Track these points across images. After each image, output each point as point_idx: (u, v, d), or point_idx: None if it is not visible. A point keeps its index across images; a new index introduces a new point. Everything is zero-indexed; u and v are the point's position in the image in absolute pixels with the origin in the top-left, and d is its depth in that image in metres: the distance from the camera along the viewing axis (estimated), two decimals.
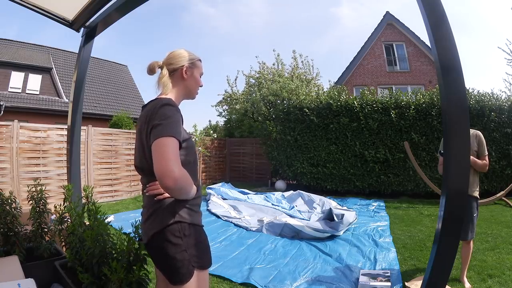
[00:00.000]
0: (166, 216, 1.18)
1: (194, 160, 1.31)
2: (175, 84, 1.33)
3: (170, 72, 1.32)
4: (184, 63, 1.32)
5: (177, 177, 1.04)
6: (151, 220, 1.22)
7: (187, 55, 1.34)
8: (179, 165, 1.07)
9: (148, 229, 1.22)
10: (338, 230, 4.17)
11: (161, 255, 1.19)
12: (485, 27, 27.53)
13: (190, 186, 1.17)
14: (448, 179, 1.42)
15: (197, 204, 1.29)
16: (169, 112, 1.15)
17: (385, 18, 14.43)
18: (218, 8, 44.87)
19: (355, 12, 34.78)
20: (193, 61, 1.35)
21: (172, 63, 1.32)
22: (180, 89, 1.34)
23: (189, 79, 1.34)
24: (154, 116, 1.14)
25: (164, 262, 1.19)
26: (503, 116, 6.85)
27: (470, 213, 2.56)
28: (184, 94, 1.36)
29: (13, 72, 12.79)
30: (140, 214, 1.32)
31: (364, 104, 7.51)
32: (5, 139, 5.35)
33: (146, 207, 1.27)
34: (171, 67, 1.32)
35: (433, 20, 1.41)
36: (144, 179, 1.29)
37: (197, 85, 1.38)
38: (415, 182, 7.22)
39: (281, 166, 8.74)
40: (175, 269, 1.17)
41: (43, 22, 46.31)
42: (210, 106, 13.86)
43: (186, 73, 1.32)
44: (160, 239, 1.18)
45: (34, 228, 1.93)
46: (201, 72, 1.39)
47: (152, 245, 1.21)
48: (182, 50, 1.36)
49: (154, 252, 1.22)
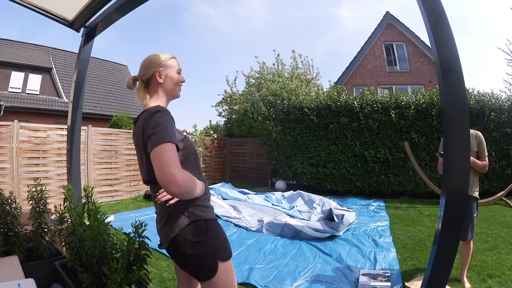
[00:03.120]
0: (181, 218, 1.22)
1: (195, 158, 1.33)
2: (155, 91, 1.35)
3: (145, 82, 1.35)
4: (154, 68, 1.34)
5: (179, 182, 1.06)
6: (168, 225, 1.26)
7: (155, 60, 1.35)
8: (179, 169, 1.09)
9: (166, 234, 1.26)
10: (338, 231, 4.17)
11: (184, 256, 1.23)
12: (485, 27, 27.56)
13: (194, 186, 1.18)
14: (448, 179, 1.42)
15: (207, 199, 1.32)
16: (160, 119, 1.17)
17: (385, 18, 14.43)
18: (218, 9, 44.88)
19: (355, 13, 34.80)
20: (163, 64, 1.35)
21: (144, 73, 1.35)
22: (161, 94, 1.36)
23: (165, 82, 1.35)
24: (147, 127, 1.17)
25: (188, 263, 1.24)
26: (503, 116, 6.84)
27: (470, 213, 2.56)
28: (167, 96, 1.38)
29: (13, 72, 12.79)
30: (139, 214, 1.33)
31: (364, 104, 7.51)
32: (5, 139, 5.35)
33: (161, 214, 1.31)
34: (145, 77, 1.35)
35: (433, 20, 1.41)
36: (155, 189, 1.32)
37: (176, 84, 1.38)
38: (415, 182, 7.22)
39: (281, 166, 8.74)
40: (200, 267, 1.21)
41: (44, 23, 46.30)
42: (210, 106, 13.87)
43: (160, 77, 1.34)
44: (180, 241, 1.22)
45: (34, 228, 1.92)
46: (177, 69, 1.39)
47: (173, 248, 1.25)
48: (151, 57, 1.37)
49: (177, 254, 1.26)
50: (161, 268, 3.08)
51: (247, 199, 6.50)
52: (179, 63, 1.42)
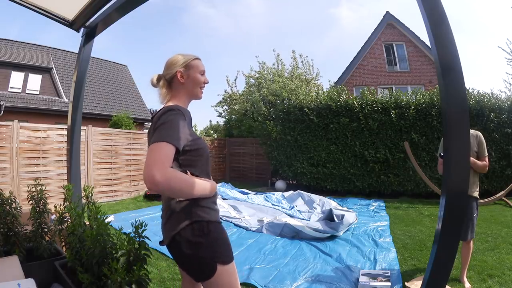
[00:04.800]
0: (183, 217, 1.22)
1: (206, 161, 1.32)
2: (176, 90, 1.37)
3: (168, 81, 1.37)
4: (177, 68, 1.35)
5: (158, 181, 1.01)
6: (170, 222, 1.26)
7: (179, 59, 1.37)
8: (163, 169, 1.03)
9: (168, 231, 1.26)
10: (338, 231, 4.17)
11: (183, 255, 1.23)
12: (485, 27, 27.54)
13: (187, 186, 1.13)
14: (448, 179, 1.42)
15: (213, 202, 1.31)
16: (167, 118, 1.17)
17: (385, 18, 14.43)
18: (218, 9, 44.92)
19: (354, 13, 34.81)
20: (186, 64, 1.36)
21: (167, 72, 1.37)
22: (182, 94, 1.37)
23: (186, 82, 1.36)
24: (156, 123, 1.19)
25: (187, 262, 1.24)
26: (503, 116, 6.85)
27: (470, 213, 2.56)
28: (188, 97, 1.39)
29: (13, 72, 12.78)
30: (139, 214, 1.34)
31: (364, 104, 7.51)
32: (5, 139, 5.35)
33: (165, 210, 1.31)
34: (168, 76, 1.37)
35: (433, 20, 1.41)
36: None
37: (197, 85, 1.38)
38: (415, 182, 7.22)
39: (281, 166, 8.74)
40: (198, 267, 1.21)
41: (44, 23, 46.32)
42: (210, 107, 13.88)
43: (182, 78, 1.35)
44: (180, 239, 1.22)
45: (34, 228, 1.92)
46: (200, 70, 1.39)
47: (173, 246, 1.25)
48: (175, 56, 1.38)
49: (176, 252, 1.26)
50: (161, 268, 3.08)
51: (247, 199, 6.50)
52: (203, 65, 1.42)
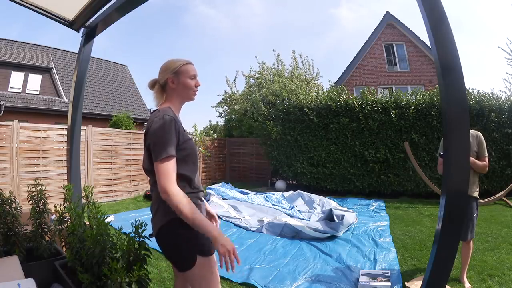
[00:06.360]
0: (170, 210, 1.27)
1: (193, 161, 1.41)
2: (170, 94, 1.45)
3: (162, 85, 1.46)
4: (168, 75, 1.42)
5: (170, 194, 1.21)
6: (158, 214, 1.35)
7: (170, 66, 1.43)
8: (174, 184, 1.24)
9: (156, 223, 1.36)
10: (338, 231, 4.17)
11: (167, 245, 1.34)
12: (485, 27, 27.55)
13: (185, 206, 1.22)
14: (448, 179, 1.42)
15: (198, 198, 1.42)
16: (159, 129, 1.28)
17: (385, 18, 14.42)
18: (219, 9, 44.88)
19: (354, 13, 34.78)
20: (176, 70, 1.42)
21: (161, 77, 1.45)
22: (174, 97, 1.45)
23: (177, 87, 1.43)
24: (149, 134, 1.31)
25: (170, 252, 1.35)
26: (503, 116, 6.84)
27: (470, 213, 2.56)
28: (180, 100, 1.47)
29: (13, 72, 12.78)
30: (139, 214, 1.35)
31: (364, 104, 7.51)
32: (5, 139, 5.35)
33: (154, 203, 1.40)
34: (162, 81, 1.45)
35: (433, 20, 1.41)
36: (152, 179, 1.40)
37: (188, 89, 1.45)
38: (415, 182, 7.22)
39: (281, 166, 8.74)
40: (179, 257, 1.32)
41: (44, 23, 46.29)
42: (210, 107, 13.87)
43: (173, 83, 1.43)
44: (166, 231, 1.32)
45: (34, 228, 1.92)
46: (190, 75, 1.44)
47: (160, 237, 1.34)
48: (167, 62, 1.46)
49: (162, 243, 1.35)
50: (161, 268, 3.08)
51: (247, 199, 6.50)
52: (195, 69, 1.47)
